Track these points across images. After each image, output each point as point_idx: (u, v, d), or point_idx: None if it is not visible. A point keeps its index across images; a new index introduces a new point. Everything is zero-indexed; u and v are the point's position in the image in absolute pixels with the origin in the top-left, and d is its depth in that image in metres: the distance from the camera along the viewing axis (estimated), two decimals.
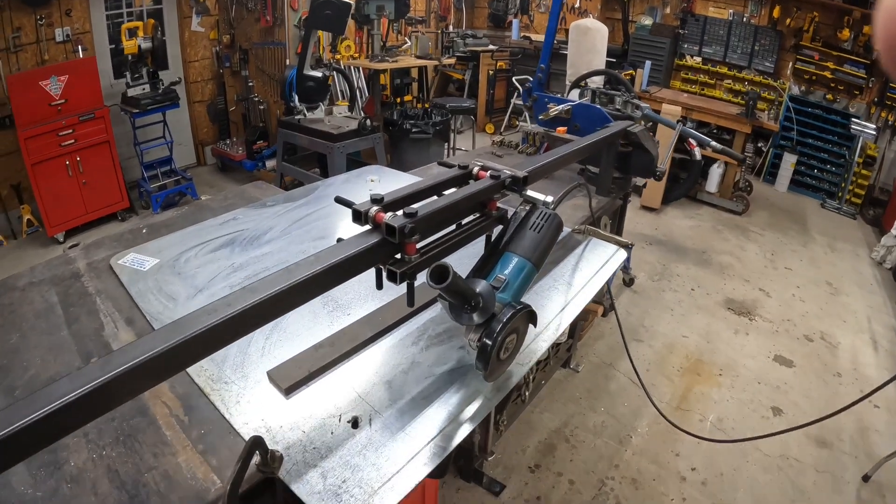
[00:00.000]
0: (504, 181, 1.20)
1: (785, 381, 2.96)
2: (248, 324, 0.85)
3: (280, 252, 1.68)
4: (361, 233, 1.00)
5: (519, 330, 1.09)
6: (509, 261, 1.13)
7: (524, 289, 1.12)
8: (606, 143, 2.29)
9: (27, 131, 4.01)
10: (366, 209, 0.99)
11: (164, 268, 1.63)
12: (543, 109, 3.12)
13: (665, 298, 3.68)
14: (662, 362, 3.06)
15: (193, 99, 5.79)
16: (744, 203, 4.92)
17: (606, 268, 1.66)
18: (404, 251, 0.99)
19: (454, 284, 0.91)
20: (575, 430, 2.58)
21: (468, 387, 1.13)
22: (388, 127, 4.93)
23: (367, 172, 2.38)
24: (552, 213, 1.20)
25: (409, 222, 0.95)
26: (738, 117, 4.76)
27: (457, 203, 1.09)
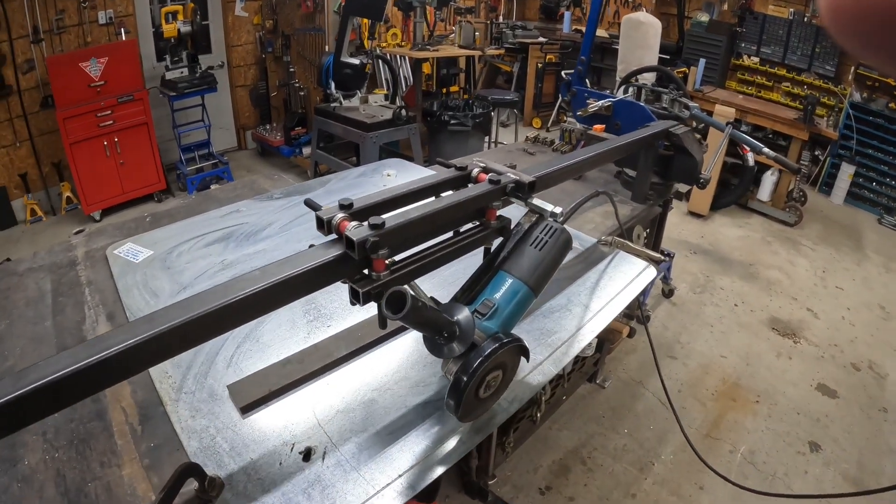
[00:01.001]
0: (505, 187, 1.02)
1: (826, 413, 2.69)
2: (176, 346, 0.74)
3: (274, 250, 1.58)
4: (325, 243, 0.86)
5: (506, 366, 0.93)
6: (502, 282, 0.97)
7: (517, 317, 0.96)
8: (644, 145, 2.08)
9: (66, 111, 4.09)
10: (330, 216, 0.85)
11: (155, 261, 1.57)
12: (582, 105, 2.92)
13: (705, 313, 3.41)
14: (696, 384, 2.82)
15: (236, 83, 5.82)
16: (797, 214, 4.59)
17: (631, 287, 1.47)
18: (371, 267, 0.84)
19: (415, 315, 0.77)
20: (593, 451, 2.39)
21: (444, 423, 0.98)
22: (427, 118, 4.79)
23: (384, 166, 2.25)
24: (559, 228, 1.03)
25: (374, 235, 0.80)
26: (795, 123, 4.41)
27: (438, 213, 0.92)
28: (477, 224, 1.04)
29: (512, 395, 1.04)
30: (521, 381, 1.08)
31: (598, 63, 6.42)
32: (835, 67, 5.17)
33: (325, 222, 0.85)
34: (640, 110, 2.87)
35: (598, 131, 2.66)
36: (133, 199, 4.69)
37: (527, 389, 1.08)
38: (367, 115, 4.10)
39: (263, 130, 5.78)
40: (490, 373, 0.89)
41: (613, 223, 1.99)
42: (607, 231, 1.93)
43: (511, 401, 1.04)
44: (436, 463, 0.91)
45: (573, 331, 1.23)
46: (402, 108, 4.10)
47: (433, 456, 0.92)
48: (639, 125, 2.37)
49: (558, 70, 6.62)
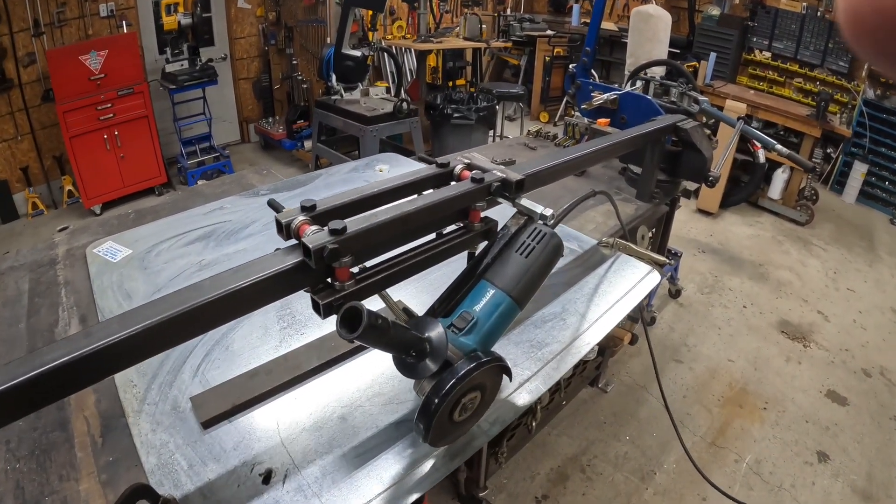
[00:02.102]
0: (490, 186, 0.94)
1: (836, 421, 2.59)
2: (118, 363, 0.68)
3: (255, 250, 1.51)
4: (285, 249, 0.78)
5: (485, 386, 0.85)
6: (483, 293, 0.88)
7: (498, 332, 0.87)
8: (650, 140, 1.98)
9: (65, 105, 4.05)
10: (289, 219, 0.77)
11: (133, 260, 1.51)
12: (587, 98, 2.82)
13: (713, 315, 3.31)
14: (702, 389, 2.73)
15: (239, 76, 5.76)
16: (808, 213, 4.46)
17: (633, 294, 1.38)
18: (334, 276, 0.76)
19: (374, 334, 0.68)
20: (593, 459, 2.31)
21: (417, 447, 0.90)
22: (429, 111, 4.70)
23: (377, 161, 2.18)
24: (548, 233, 0.93)
25: (333, 242, 0.72)
26: (807, 119, 4.28)
27: (411, 216, 0.83)
28: (459, 226, 0.95)
29: (494, 415, 0.96)
30: (505, 401, 1.00)
31: (607, 57, 6.30)
32: (848, 63, 5.02)
33: (284, 226, 0.77)
34: (647, 104, 2.77)
35: (602, 125, 2.56)
36: (134, 192, 4.65)
37: (510, 410, 1.00)
38: (368, 109, 4.02)
39: (266, 123, 5.73)
40: (466, 394, 0.80)
41: (616, 223, 1.91)
42: (609, 232, 1.84)
43: (493, 423, 0.96)
44: (405, 491, 0.83)
45: (567, 343, 1.15)
46: (404, 102, 4.02)
47: (403, 483, 0.84)
48: (646, 119, 2.27)
49: (566, 64, 6.49)
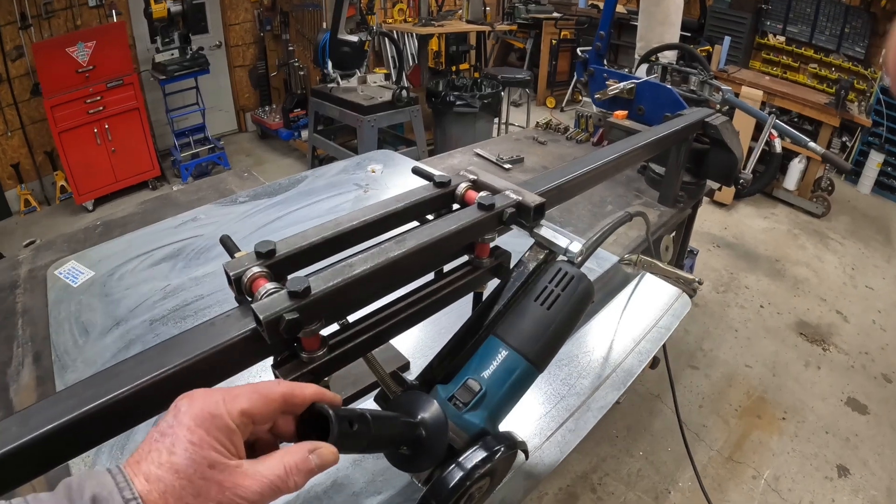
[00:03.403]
0: (502, 213, 0.75)
1: (856, 431, 2.47)
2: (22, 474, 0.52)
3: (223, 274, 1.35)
4: (239, 309, 0.61)
5: (496, 471, 0.70)
6: (493, 353, 0.70)
7: (512, 403, 0.71)
8: (680, 140, 1.78)
9: (53, 99, 3.91)
10: (239, 271, 0.61)
11: (94, 285, 1.35)
12: (601, 86, 2.63)
13: (730, 316, 3.16)
14: (719, 398, 2.60)
15: (234, 63, 5.58)
16: (824, 205, 4.29)
17: (663, 324, 1.22)
18: (300, 344, 0.60)
19: (348, 441, 0.52)
20: (605, 477, 2.19)
21: None
22: (431, 98, 4.51)
23: (370, 160, 2.00)
24: (576, 275, 0.74)
25: (291, 309, 0.55)
26: (825, 107, 4.09)
27: (398, 263, 0.65)
28: (464, 261, 0.77)
29: (499, 497, 0.82)
30: (509, 481, 0.85)
31: (616, 40, 6.07)
32: (865, 49, 4.80)
33: (234, 281, 0.61)
34: (668, 94, 2.57)
35: (619, 118, 2.38)
36: (126, 187, 4.52)
37: (518, 491, 0.85)
38: (365, 97, 3.84)
39: (262, 113, 5.56)
40: (474, 485, 0.65)
41: (638, 235, 1.75)
42: (631, 245, 1.68)
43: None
44: None
45: (585, 394, 1.00)
46: (403, 89, 3.83)
47: None
48: (665, 111, 2.08)
49: (573, 47, 6.26)
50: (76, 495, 0.38)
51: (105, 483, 0.39)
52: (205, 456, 0.40)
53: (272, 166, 5.08)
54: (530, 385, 0.73)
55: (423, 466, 0.65)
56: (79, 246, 1.57)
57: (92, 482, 0.39)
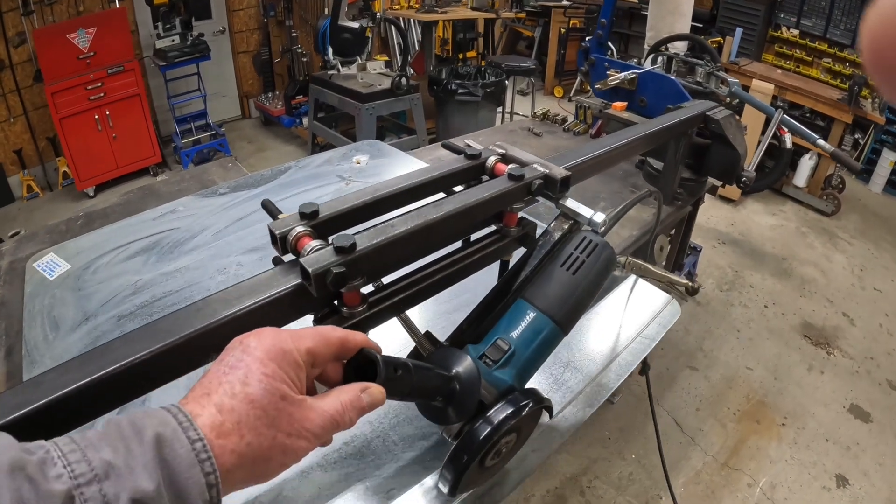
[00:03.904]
0: (530, 184, 0.79)
1: (858, 440, 2.40)
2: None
3: (197, 269, 1.31)
4: (283, 267, 0.64)
5: (521, 428, 0.72)
6: (521, 315, 0.73)
7: (538, 363, 0.74)
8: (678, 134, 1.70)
9: (54, 85, 3.90)
10: (285, 230, 0.63)
11: (69, 278, 1.32)
12: (602, 76, 2.54)
13: (732, 315, 3.08)
14: (718, 400, 2.53)
15: (238, 49, 5.52)
16: (834, 203, 4.17)
17: (648, 332, 1.15)
18: (341, 300, 0.63)
19: (392, 386, 0.55)
20: (594, 480, 2.15)
21: None
22: (433, 86, 4.43)
23: (356, 150, 1.94)
24: (600, 243, 0.78)
25: (338, 263, 0.58)
26: (838, 103, 3.96)
27: (435, 226, 0.69)
28: (492, 230, 0.81)
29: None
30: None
31: (626, 30, 5.95)
32: None
33: (279, 239, 0.63)
34: (671, 85, 2.48)
35: (617, 110, 2.30)
36: (128, 173, 4.51)
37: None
38: (364, 85, 3.78)
39: (265, 99, 5.51)
40: (501, 439, 0.68)
41: (630, 234, 1.68)
42: (622, 245, 1.61)
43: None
44: None
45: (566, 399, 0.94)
46: (402, 77, 3.75)
47: None
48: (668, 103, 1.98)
49: (583, 36, 6.13)
50: (130, 433, 0.37)
51: (167, 422, 0.38)
52: (277, 388, 0.42)
53: (274, 153, 5.04)
54: (556, 346, 0.76)
55: (454, 419, 0.67)
56: (60, 237, 1.55)
57: (152, 420, 0.38)
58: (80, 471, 0.34)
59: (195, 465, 0.37)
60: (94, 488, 0.34)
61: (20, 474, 0.32)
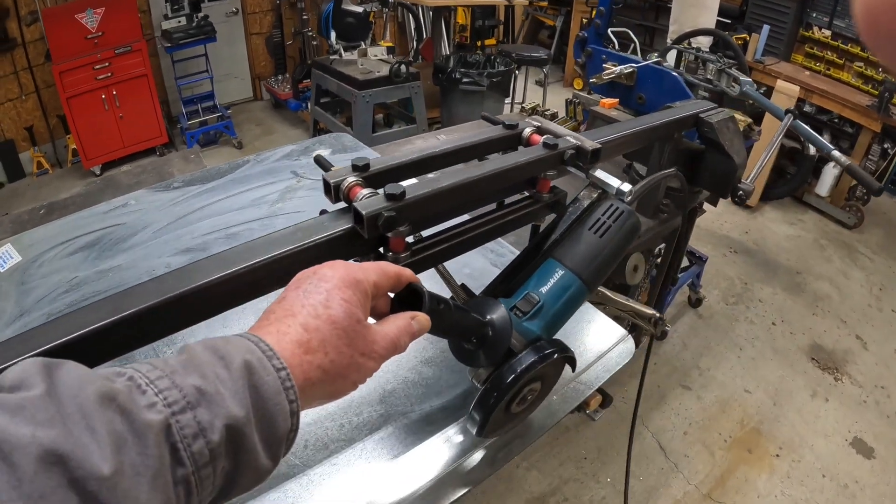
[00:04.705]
0: (563, 153, 0.85)
1: (857, 478, 2.22)
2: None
3: (129, 269, 1.27)
4: (333, 213, 0.70)
5: (546, 377, 0.79)
6: (550, 272, 0.81)
7: (565, 317, 0.81)
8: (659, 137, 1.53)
9: (62, 65, 3.90)
10: (338, 179, 0.70)
11: (17, 271, 1.30)
12: (599, 69, 2.38)
13: (736, 332, 2.90)
14: (709, 424, 2.38)
15: (251, 31, 5.46)
16: (857, 216, 3.90)
17: (586, 377, 1.00)
18: (388, 246, 0.70)
19: (433, 318, 0.59)
20: (563, 502, 2.03)
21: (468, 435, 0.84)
22: (438, 74, 4.28)
23: (319, 144, 1.85)
24: (626, 210, 0.85)
25: (389, 209, 0.65)
26: (867, 110, 3.68)
27: (477, 182, 0.75)
28: (525, 196, 0.88)
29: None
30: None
31: (652, 23, 5.69)
32: None
33: (333, 187, 0.70)
34: (672, 82, 2.31)
35: (605, 107, 2.13)
36: (134, 153, 4.52)
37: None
38: (363, 71, 3.65)
39: (274, 82, 5.44)
40: (527, 385, 0.75)
41: None
42: None
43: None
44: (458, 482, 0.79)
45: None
46: (402, 64, 3.61)
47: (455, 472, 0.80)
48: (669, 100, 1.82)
49: None
50: (215, 360, 0.38)
51: (252, 350, 0.39)
52: (354, 312, 0.45)
53: (280, 136, 5.00)
54: (581, 303, 0.82)
55: (484, 362, 0.73)
56: (22, 227, 1.54)
57: (237, 347, 0.39)
58: (172, 398, 0.34)
59: (281, 392, 0.38)
60: (189, 416, 0.34)
61: (111, 405, 0.32)
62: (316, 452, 0.83)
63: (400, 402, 0.91)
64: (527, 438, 0.91)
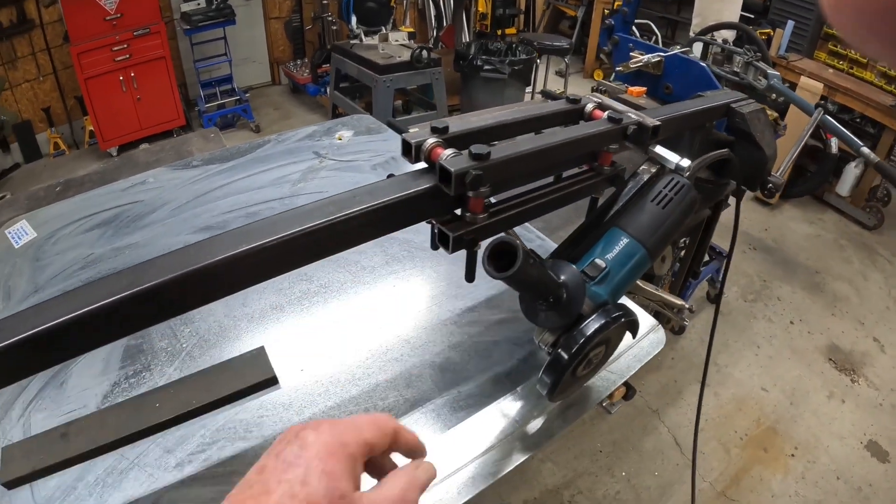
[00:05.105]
0: (626, 128, 0.86)
1: (871, 481, 2.20)
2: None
3: (146, 246, 1.27)
4: (410, 172, 0.72)
5: (611, 340, 0.83)
6: (615, 240, 0.84)
7: (629, 283, 0.85)
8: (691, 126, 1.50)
9: (80, 46, 3.89)
10: (419, 140, 0.71)
11: (32, 248, 1.31)
12: (625, 58, 2.34)
13: (754, 329, 2.86)
14: (724, 422, 2.36)
15: (270, 15, 5.43)
16: (877, 217, 3.83)
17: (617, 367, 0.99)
18: (467, 207, 0.72)
19: (523, 274, 0.64)
20: (577, 495, 2.03)
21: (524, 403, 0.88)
22: (459, 61, 4.24)
23: (341, 125, 1.83)
24: (686, 184, 0.89)
25: (475, 167, 0.66)
26: (891, 110, 3.61)
27: (551, 150, 0.77)
28: (585, 170, 0.91)
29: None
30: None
31: (674, 16, 5.59)
32: None
33: (414, 147, 0.71)
34: (700, 72, 2.27)
35: (633, 95, 2.08)
36: (151, 135, 4.52)
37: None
38: (384, 56, 3.62)
39: (293, 66, 5.42)
40: (595, 349, 0.77)
41: None
42: None
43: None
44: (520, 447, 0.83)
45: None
46: (423, 49, 3.57)
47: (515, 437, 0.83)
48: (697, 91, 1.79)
49: None
50: None
51: None
52: (337, 486, 0.40)
53: (297, 121, 4.99)
54: (644, 271, 0.85)
55: (556, 322, 0.75)
56: (37, 204, 1.53)
57: None
58: None
59: None
60: None
61: None
62: None
63: (427, 387, 0.91)
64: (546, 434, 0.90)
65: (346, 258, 1.16)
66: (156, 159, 1.74)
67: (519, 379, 0.93)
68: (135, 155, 1.81)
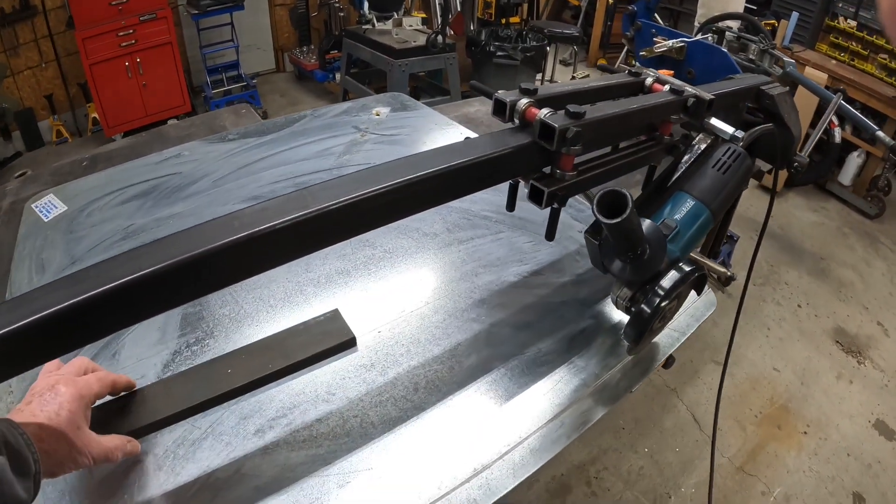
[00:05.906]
0: (687, 100, 0.92)
1: (879, 458, 2.27)
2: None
3: (191, 216, 1.23)
4: (502, 131, 0.76)
5: (681, 296, 0.86)
6: (682, 202, 0.89)
7: (696, 242, 0.91)
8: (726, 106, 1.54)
9: (86, 31, 3.86)
10: (513, 99, 0.76)
11: (63, 220, 1.28)
12: (648, 43, 2.38)
13: (764, 312, 2.93)
14: (740, 401, 2.42)
15: (276, 2, 5.42)
16: (879, 206, 3.93)
17: (678, 325, 1.02)
18: (558, 164, 0.77)
19: (629, 222, 0.68)
20: (602, 471, 2.07)
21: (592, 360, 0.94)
22: (471, 47, 4.25)
23: (378, 102, 1.83)
24: (742, 153, 0.95)
25: (574, 124, 0.70)
26: (893, 101, 3.68)
27: (633, 114, 0.84)
28: (646, 138, 0.97)
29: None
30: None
31: (676, 6, 5.62)
32: None
33: (509, 106, 0.76)
34: (722, 58, 2.31)
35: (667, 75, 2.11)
36: (156, 121, 4.46)
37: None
38: (398, 41, 3.63)
39: (299, 53, 5.40)
40: (671, 303, 0.81)
41: None
42: None
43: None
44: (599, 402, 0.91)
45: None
46: (438, 34, 3.58)
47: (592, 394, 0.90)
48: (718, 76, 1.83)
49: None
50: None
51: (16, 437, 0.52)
52: (75, 420, 0.61)
53: (305, 107, 4.96)
54: (707, 231, 0.91)
55: (634, 277, 0.80)
56: (63, 179, 1.50)
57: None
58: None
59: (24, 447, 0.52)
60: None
61: None
62: (428, 395, 0.84)
63: (506, 346, 0.93)
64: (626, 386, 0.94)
65: (406, 225, 1.16)
66: (187, 134, 1.74)
67: (592, 336, 0.97)
68: (164, 130, 1.81)
